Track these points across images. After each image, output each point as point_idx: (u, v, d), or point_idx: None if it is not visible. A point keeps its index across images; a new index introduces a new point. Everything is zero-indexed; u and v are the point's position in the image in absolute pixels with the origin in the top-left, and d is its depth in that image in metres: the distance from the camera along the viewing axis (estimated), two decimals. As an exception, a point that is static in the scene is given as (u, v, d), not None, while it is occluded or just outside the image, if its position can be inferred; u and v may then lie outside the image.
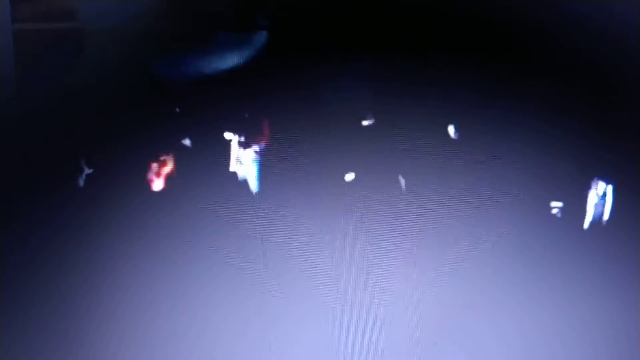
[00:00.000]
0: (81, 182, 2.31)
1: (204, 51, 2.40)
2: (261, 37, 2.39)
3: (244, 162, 2.37)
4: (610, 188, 2.08)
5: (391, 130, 2.48)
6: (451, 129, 2.20)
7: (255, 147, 2.32)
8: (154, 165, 2.42)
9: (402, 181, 2.29)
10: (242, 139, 2.42)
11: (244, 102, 2.53)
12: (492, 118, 2.31)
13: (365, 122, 2.50)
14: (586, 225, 2.04)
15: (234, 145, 2.31)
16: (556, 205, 1.75)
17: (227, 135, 2.33)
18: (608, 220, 2.08)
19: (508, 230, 2.11)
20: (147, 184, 2.38)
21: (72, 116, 2.49)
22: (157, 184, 2.32)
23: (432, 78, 2.23)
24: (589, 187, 2.01)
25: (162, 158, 2.44)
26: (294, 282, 2.20)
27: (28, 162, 2.24)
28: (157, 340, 2.07)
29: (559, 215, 1.73)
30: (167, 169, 2.39)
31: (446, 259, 2.19)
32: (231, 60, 2.28)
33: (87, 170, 2.37)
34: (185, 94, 2.51)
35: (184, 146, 2.44)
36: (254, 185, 2.47)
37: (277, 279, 2.26)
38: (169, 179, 2.39)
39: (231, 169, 2.41)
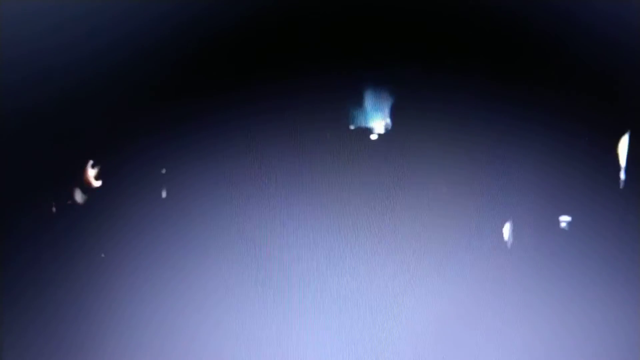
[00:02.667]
0: (83, 189, 2.26)
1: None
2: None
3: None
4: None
5: (398, 138, 2.41)
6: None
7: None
8: (156, 171, 2.35)
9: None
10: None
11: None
12: (500, 124, 2.24)
13: (374, 135, 2.44)
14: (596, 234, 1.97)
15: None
16: (565, 219, 1.70)
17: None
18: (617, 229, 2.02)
19: (517, 241, 2.05)
20: (149, 190, 2.32)
21: (71, 126, 2.43)
22: (159, 191, 2.27)
23: (439, 84, 2.17)
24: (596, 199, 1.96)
25: (162, 166, 2.37)
26: (295, 290, 2.16)
27: (31, 169, 2.20)
28: (156, 341, 2.04)
29: (567, 229, 1.69)
30: (170, 175, 2.33)
31: (452, 266, 2.14)
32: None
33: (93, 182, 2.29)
34: (181, 104, 2.45)
35: (186, 153, 2.39)
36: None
37: (283, 285, 2.22)
38: (171, 185, 2.34)
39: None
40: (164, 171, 2.52)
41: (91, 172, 2.27)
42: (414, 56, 2.24)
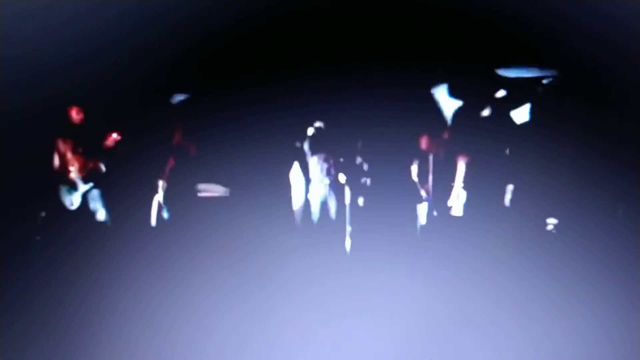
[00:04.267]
0: (80, 192, 2.26)
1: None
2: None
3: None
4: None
5: (382, 141, 2.41)
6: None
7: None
8: (157, 174, 2.36)
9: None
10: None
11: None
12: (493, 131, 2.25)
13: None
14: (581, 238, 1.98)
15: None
16: (551, 222, 1.72)
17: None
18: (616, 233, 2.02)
19: (507, 243, 2.06)
20: (148, 193, 2.32)
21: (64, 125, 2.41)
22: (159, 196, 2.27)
23: (427, 88, 2.17)
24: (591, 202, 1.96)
25: (161, 172, 2.37)
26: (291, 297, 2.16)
27: (29, 167, 2.20)
28: (155, 340, 2.06)
29: (554, 231, 1.70)
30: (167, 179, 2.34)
31: (446, 269, 2.14)
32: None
33: (86, 184, 2.32)
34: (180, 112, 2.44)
35: (187, 157, 2.39)
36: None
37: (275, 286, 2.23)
38: (170, 191, 2.34)
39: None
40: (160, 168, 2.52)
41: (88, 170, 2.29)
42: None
